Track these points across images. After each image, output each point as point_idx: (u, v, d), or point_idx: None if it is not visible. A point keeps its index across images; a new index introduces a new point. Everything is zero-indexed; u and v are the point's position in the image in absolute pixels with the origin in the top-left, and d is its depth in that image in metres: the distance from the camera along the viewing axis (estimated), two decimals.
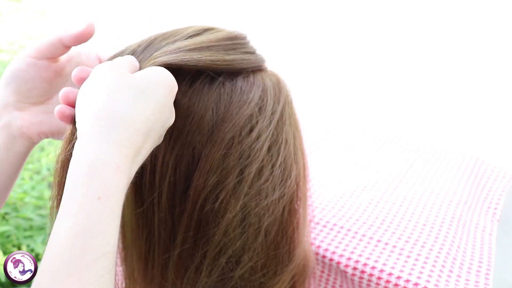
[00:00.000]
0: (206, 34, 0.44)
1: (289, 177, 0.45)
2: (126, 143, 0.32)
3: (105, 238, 0.29)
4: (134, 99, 0.33)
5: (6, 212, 1.50)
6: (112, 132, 0.31)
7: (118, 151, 0.31)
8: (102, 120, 0.32)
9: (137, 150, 0.33)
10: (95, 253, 0.28)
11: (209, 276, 0.44)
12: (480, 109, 1.09)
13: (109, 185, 0.30)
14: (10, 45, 4.03)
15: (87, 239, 0.28)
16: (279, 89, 0.46)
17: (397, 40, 1.13)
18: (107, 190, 0.30)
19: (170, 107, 0.37)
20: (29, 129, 0.40)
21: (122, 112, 0.32)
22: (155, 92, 0.35)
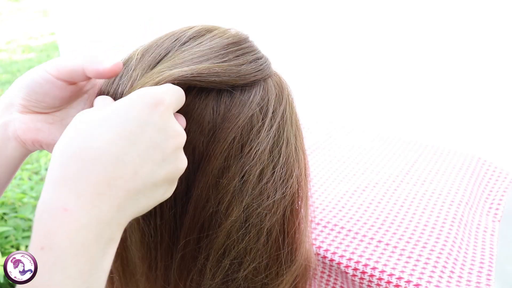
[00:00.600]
0: (209, 36, 0.44)
1: (290, 177, 0.44)
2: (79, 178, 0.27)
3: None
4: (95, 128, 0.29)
5: (4, 212, 1.50)
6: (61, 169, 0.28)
7: (66, 191, 0.27)
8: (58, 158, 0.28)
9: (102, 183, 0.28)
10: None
11: (212, 279, 0.44)
12: (481, 109, 1.09)
13: (51, 232, 0.26)
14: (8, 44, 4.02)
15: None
16: (280, 89, 0.46)
17: (397, 41, 1.13)
18: (49, 239, 0.26)
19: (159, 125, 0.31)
20: (25, 133, 0.39)
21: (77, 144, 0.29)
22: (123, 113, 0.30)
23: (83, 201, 0.27)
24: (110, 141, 0.29)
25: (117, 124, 0.30)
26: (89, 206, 0.27)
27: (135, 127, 0.30)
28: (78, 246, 0.27)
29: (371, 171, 0.82)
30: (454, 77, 1.09)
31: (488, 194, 0.80)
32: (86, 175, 0.28)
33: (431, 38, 1.08)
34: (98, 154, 0.28)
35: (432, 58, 1.10)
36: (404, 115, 1.19)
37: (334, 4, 1.17)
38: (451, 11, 1.04)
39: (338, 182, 0.79)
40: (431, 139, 0.96)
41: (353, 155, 0.88)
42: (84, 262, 0.27)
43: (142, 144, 0.30)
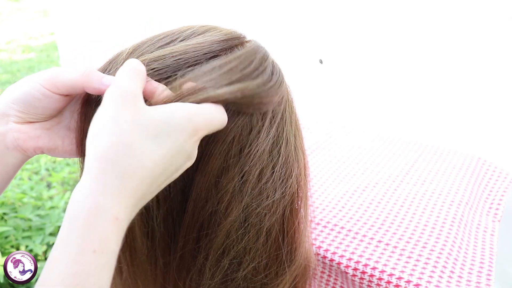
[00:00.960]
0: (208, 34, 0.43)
1: (290, 177, 0.44)
2: (129, 194, 0.30)
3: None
4: (145, 144, 0.31)
5: (4, 212, 1.50)
6: (114, 181, 0.30)
7: (119, 202, 0.30)
8: (106, 165, 0.30)
9: (139, 199, 0.31)
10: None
11: (212, 278, 0.44)
12: (482, 109, 1.08)
13: (105, 238, 0.29)
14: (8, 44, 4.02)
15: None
16: None
17: (397, 41, 1.13)
18: (103, 243, 0.28)
19: (188, 152, 0.34)
20: (26, 142, 0.39)
21: (129, 158, 0.30)
22: (171, 137, 0.32)
23: (127, 213, 0.30)
24: (155, 164, 0.31)
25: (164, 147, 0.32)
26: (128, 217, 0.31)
27: (175, 152, 0.33)
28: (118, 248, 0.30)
29: (371, 171, 0.82)
30: (454, 77, 1.09)
31: (488, 194, 0.80)
32: (133, 191, 0.30)
33: (431, 38, 1.08)
34: (145, 175, 0.31)
35: (432, 58, 1.10)
36: (404, 115, 1.19)
37: (333, 4, 1.17)
38: (451, 11, 1.04)
39: (338, 182, 0.79)
40: (431, 139, 0.96)
41: (353, 155, 0.88)
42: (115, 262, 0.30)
43: (173, 166, 0.34)
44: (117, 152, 0.30)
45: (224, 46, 0.42)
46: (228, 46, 0.43)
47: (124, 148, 0.30)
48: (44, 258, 1.42)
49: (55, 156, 0.42)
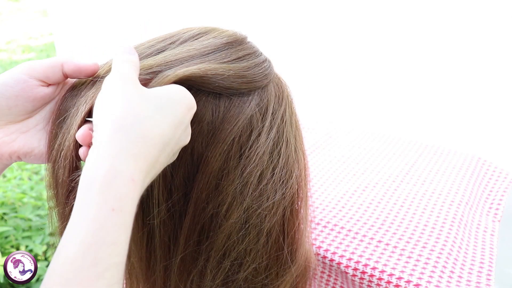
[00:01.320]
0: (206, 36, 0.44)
1: (290, 178, 0.44)
2: (142, 157, 0.32)
3: (116, 249, 0.29)
4: (153, 114, 0.34)
5: (4, 212, 1.50)
6: (129, 144, 0.32)
7: (134, 164, 0.31)
8: (120, 132, 0.32)
9: (152, 164, 0.33)
10: (105, 263, 0.28)
11: (213, 280, 0.44)
12: (481, 109, 1.08)
13: (123, 197, 0.30)
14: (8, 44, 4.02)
15: (99, 249, 0.28)
16: (280, 89, 0.46)
17: (397, 40, 1.13)
18: (121, 202, 0.30)
19: (186, 125, 0.37)
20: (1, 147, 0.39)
21: (140, 125, 0.33)
22: (174, 109, 0.35)
23: (141, 177, 0.32)
24: (163, 131, 0.34)
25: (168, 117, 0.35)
26: (142, 180, 0.32)
27: (178, 124, 0.35)
28: (134, 210, 0.31)
29: (371, 171, 0.82)
30: (454, 77, 1.09)
31: (488, 194, 0.80)
32: (145, 156, 0.32)
33: (431, 38, 1.08)
34: (156, 141, 0.33)
35: (432, 58, 1.10)
36: (404, 115, 1.18)
37: (334, 4, 1.17)
38: (451, 11, 1.04)
39: (338, 182, 0.79)
40: (431, 139, 0.96)
41: (353, 155, 0.88)
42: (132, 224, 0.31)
43: (176, 138, 0.36)
44: (128, 120, 0.32)
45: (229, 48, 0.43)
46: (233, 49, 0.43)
47: (134, 118, 0.33)
48: (44, 258, 1.41)
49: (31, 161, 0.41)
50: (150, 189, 0.42)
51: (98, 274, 0.28)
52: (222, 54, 0.42)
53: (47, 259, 1.41)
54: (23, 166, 2.02)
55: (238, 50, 0.43)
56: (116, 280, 0.29)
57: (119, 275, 0.29)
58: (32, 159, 0.41)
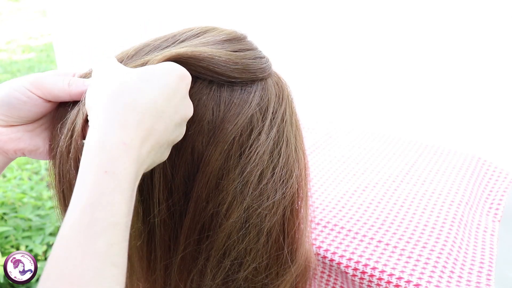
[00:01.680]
0: (207, 34, 0.44)
1: (290, 178, 0.44)
2: (133, 123, 0.33)
3: (112, 209, 0.30)
4: (140, 84, 0.35)
5: (4, 212, 1.50)
6: (118, 115, 0.33)
7: (123, 129, 0.32)
8: (110, 105, 0.33)
9: (146, 130, 0.34)
10: (102, 223, 0.29)
11: (213, 279, 0.44)
12: (481, 109, 1.08)
13: (115, 159, 0.31)
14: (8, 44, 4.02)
15: (95, 210, 0.30)
16: (280, 89, 0.46)
17: (397, 40, 1.13)
18: (113, 164, 0.31)
19: (182, 94, 0.37)
20: (6, 144, 0.40)
21: (128, 94, 0.34)
22: (162, 78, 0.36)
23: (135, 142, 0.33)
24: (154, 99, 0.35)
25: (158, 86, 0.35)
26: (137, 146, 0.33)
27: (170, 91, 0.36)
28: (131, 176, 0.32)
29: (371, 171, 0.82)
30: (454, 77, 1.09)
31: (488, 194, 0.80)
32: (138, 122, 0.33)
33: (431, 38, 1.08)
34: (147, 107, 0.34)
35: (432, 58, 1.10)
36: (404, 115, 1.18)
37: (334, 4, 1.17)
38: (451, 11, 1.04)
39: (338, 182, 0.79)
40: (431, 139, 0.96)
41: (353, 155, 0.88)
42: (131, 190, 0.32)
43: (172, 107, 0.36)
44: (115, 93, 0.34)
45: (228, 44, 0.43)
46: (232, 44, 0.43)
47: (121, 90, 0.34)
48: (44, 258, 1.41)
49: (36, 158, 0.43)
50: (150, 188, 0.43)
51: (96, 233, 0.29)
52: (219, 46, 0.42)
53: (47, 259, 1.41)
54: (23, 166, 2.02)
55: (237, 44, 0.43)
56: (116, 240, 0.30)
57: (118, 235, 0.30)
58: (37, 156, 0.42)
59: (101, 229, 0.29)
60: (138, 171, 0.34)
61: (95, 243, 0.29)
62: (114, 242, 0.30)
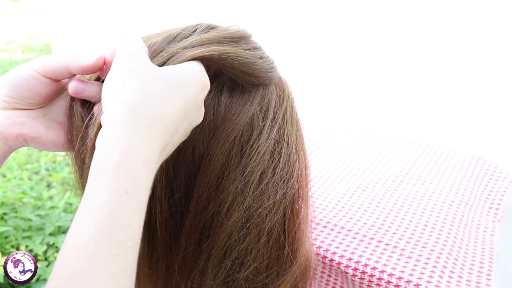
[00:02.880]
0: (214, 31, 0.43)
1: (291, 177, 0.44)
2: (156, 138, 0.32)
3: (130, 232, 0.29)
4: (166, 93, 0.33)
5: (4, 212, 1.50)
6: (142, 126, 0.31)
7: (147, 145, 0.31)
8: (133, 112, 0.31)
9: (164, 145, 0.33)
10: (120, 247, 0.28)
11: (214, 279, 0.44)
12: (481, 109, 1.08)
13: (137, 179, 0.30)
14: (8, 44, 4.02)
15: (113, 233, 0.28)
16: (281, 89, 0.46)
17: (397, 40, 1.13)
18: (135, 185, 0.29)
19: (199, 104, 0.37)
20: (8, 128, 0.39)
21: (153, 105, 0.32)
22: (187, 88, 0.35)
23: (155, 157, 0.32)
24: (176, 113, 0.33)
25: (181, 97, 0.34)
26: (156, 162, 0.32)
27: (191, 103, 0.35)
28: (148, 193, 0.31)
29: (371, 171, 0.82)
30: (454, 77, 1.09)
31: (488, 194, 0.80)
32: (159, 137, 0.32)
33: (431, 38, 1.08)
34: (168, 122, 0.33)
35: (432, 58, 1.10)
36: (404, 115, 1.19)
37: (334, 4, 1.17)
38: (451, 11, 1.04)
39: (338, 182, 0.79)
40: (431, 139, 0.96)
41: (353, 155, 0.88)
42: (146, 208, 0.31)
43: (189, 119, 0.36)
44: (141, 100, 0.32)
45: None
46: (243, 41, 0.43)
47: (147, 97, 0.32)
48: (44, 258, 1.42)
49: (38, 147, 0.41)
50: (151, 188, 0.42)
51: (112, 257, 0.27)
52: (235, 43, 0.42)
53: (47, 259, 1.41)
54: (23, 166, 2.02)
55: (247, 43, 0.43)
56: (130, 264, 0.29)
57: (133, 258, 0.29)
58: (38, 145, 0.41)
59: (118, 252, 0.28)
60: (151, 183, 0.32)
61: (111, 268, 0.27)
62: (128, 266, 0.28)
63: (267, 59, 0.44)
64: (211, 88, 0.41)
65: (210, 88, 0.41)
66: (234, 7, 1.28)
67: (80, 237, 0.27)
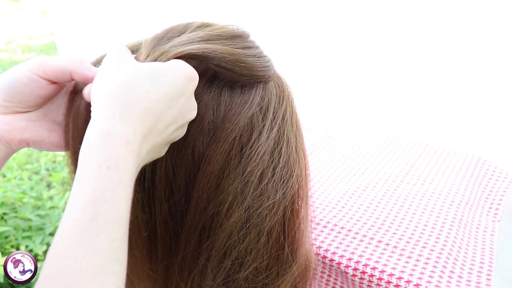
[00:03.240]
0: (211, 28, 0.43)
1: (291, 177, 0.44)
2: (136, 121, 0.33)
3: (114, 205, 0.30)
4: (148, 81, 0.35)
5: (4, 212, 1.50)
6: (121, 109, 0.33)
7: (126, 126, 0.32)
8: (114, 99, 0.33)
9: (148, 129, 0.34)
10: (104, 219, 0.29)
11: (213, 279, 0.44)
12: (481, 109, 1.08)
13: (118, 156, 0.31)
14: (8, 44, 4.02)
15: (97, 205, 0.29)
16: (281, 89, 0.46)
17: (397, 40, 1.13)
18: (116, 161, 0.31)
19: (188, 96, 0.37)
20: (11, 133, 0.39)
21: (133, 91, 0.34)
22: (170, 78, 0.36)
23: (137, 138, 0.33)
24: (158, 99, 0.34)
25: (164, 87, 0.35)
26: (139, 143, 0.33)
27: (176, 93, 0.36)
28: (132, 172, 0.32)
29: (371, 171, 0.82)
30: (454, 77, 1.09)
31: (488, 194, 0.80)
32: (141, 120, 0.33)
33: (431, 38, 1.08)
34: (150, 107, 0.34)
35: (432, 58, 1.10)
36: (404, 115, 1.19)
37: (334, 4, 1.17)
38: (451, 11, 1.04)
39: (338, 182, 0.79)
40: (431, 139, 0.96)
41: (353, 155, 0.88)
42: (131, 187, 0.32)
43: (176, 108, 0.36)
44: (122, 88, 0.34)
45: None
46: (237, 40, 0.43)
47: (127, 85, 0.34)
48: (44, 258, 1.41)
49: (40, 149, 0.42)
50: (152, 189, 0.42)
51: (98, 229, 0.29)
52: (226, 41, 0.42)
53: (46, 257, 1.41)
54: (23, 166, 2.02)
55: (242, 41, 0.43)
56: (118, 236, 0.30)
57: (120, 231, 0.30)
58: (40, 147, 0.42)
59: (104, 224, 0.29)
60: (137, 168, 0.33)
61: (98, 238, 0.29)
62: (116, 238, 0.30)
63: (263, 58, 0.44)
64: (211, 88, 0.41)
65: (210, 88, 0.41)
66: (234, 7, 1.28)
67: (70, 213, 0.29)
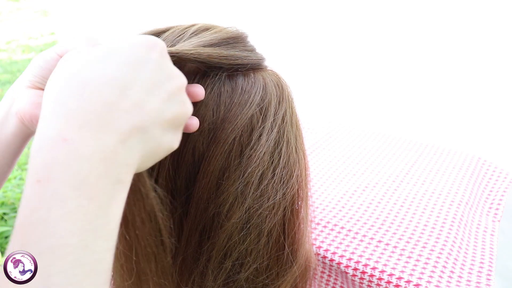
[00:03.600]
0: (209, 32, 0.44)
1: (291, 178, 0.44)
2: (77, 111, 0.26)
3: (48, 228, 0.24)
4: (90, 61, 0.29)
5: (4, 212, 1.50)
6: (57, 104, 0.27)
7: (64, 121, 0.26)
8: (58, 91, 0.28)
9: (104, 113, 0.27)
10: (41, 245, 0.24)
11: (214, 280, 0.44)
12: (481, 109, 1.09)
13: (50, 163, 0.25)
14: (8, 44, 4.03)
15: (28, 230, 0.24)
16: (280, 89, 0.46)
17: (397, 40, 1.13)
18: (47, 170, 0.25)
19: (154, 64, 0.31)
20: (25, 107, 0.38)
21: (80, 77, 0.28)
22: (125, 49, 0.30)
23: (85, 131, 0.26)
24: (112, 74, 0.28)
25: (118, 60, 0.29)
26: (91, 137, 0.26)
27: (136, 62, 0.30)
28: (79, 180, 0.25)
29: (371, 171, 0.82)
30: (454, 77, 1.09)
31: (488, 194, 0.80)
32: (87, 105, 0.26)
33: (431, 38, 1.08)
34: (99, 85, 0.27)
35: (432, 58, 1.10)
36: (404, 115, 1.19)
37: (334, 4, 1.17)
38: (451, 11, 1.04)
39: (338, 182, 0.79)
40: (431, 139, 0.96)
41: (353, 155, 0.88)
42: (88, 200, 0.25)
43: (145, 80, 0.30)
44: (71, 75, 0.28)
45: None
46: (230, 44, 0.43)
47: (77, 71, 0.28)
48: None
49: None
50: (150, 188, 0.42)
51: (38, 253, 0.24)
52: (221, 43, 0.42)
53: None
54: (23, 166, 2.02)
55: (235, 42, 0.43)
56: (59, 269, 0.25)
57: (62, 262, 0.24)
58: None
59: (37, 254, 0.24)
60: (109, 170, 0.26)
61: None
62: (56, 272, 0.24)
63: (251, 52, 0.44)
64: (210, 87, 0.41)
65: (210, 88, 0.41)
66: (234, 7, 1.28)
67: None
